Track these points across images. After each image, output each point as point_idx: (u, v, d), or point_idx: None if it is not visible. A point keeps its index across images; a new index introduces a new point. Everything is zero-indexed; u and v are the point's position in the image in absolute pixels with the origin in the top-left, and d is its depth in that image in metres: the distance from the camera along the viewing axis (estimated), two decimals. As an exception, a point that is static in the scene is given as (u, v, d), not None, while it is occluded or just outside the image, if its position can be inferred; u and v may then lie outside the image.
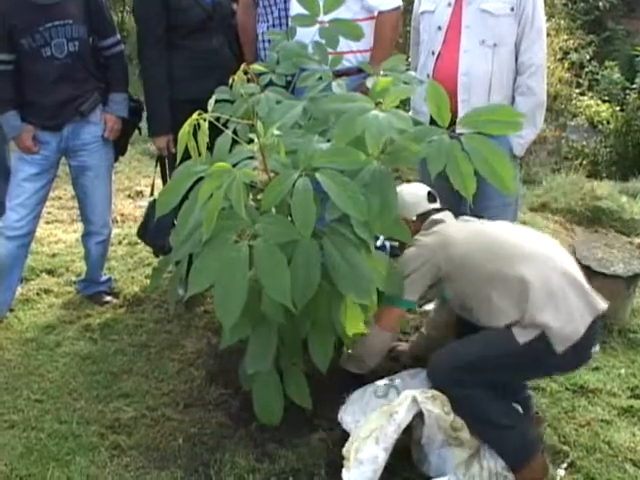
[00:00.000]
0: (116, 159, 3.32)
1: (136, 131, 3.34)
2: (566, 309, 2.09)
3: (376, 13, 2.92)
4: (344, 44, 2.69)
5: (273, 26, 3.11)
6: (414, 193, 2.52)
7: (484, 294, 2.19)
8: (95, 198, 3.20)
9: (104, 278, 3.43)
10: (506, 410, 2.20)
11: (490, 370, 2.15)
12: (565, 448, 2.42)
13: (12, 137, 3.03)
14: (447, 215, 2.46)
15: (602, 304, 2.17)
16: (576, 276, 2.19)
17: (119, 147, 3.28)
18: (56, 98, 2.96)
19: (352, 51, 2.87)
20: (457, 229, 2.39)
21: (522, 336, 2.09)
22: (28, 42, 2.84)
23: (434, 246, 2.32)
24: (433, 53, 2.84)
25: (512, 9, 2.73)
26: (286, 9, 3.08)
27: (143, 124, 3.35)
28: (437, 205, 2.51)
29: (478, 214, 2.87)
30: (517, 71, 2.80)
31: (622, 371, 2.92)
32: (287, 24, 3.05)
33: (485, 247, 2.28)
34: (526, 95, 2.79)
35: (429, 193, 2.51)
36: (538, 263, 2.18)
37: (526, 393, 2.51)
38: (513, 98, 2.83)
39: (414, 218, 2.45)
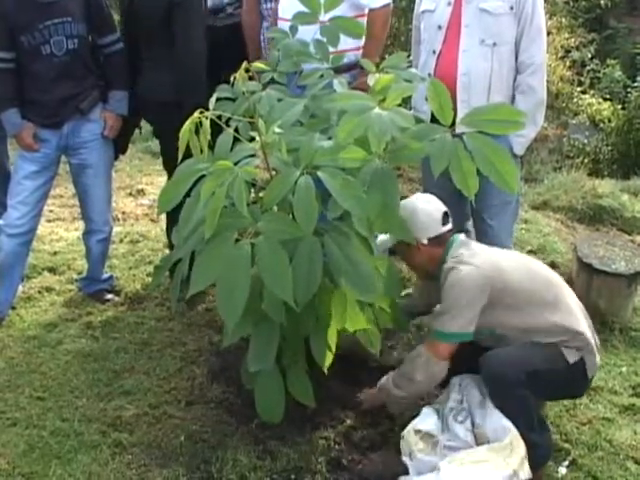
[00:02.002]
0: (116, 157, 3.32)
1: (137, 130, 3.34)
2: (595, 342, 2.31)
3: (366, 11, 2.91)
4: None
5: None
6: (430, 214, 2.32)
7: (533, 322, 2.22)
8: (95, 196, 3.20)
9: (105, 276, 3.42)
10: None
11: (543, 382, 2.17)
12: (566, 446, 2.43)
13: (12, 135, 3.03)
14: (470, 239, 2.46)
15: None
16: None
17: (119, 145, 3.27)
18: (56, 96, 2.96)
19: (344, 49, 2.83)
20: (499, 253, 2.37)
21: (570, 356, 2.24)
22: (27, 40, 2.84)
23: (489, 270, 2.21)
24: (434, 52, 2.83)
25: (511, 8, 2.72)
26: None
27: (143, 122, 3.35)
28: (450, 226, 2.36)
29: (479, 213, 2.88)
30: (517, 70, 2.80)
31: (623, 369, 2.92)
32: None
33: (534, 275, 2.32)
34: (526, 94, 2.78)
35: (445, 214, 2.35)
36: (571, 295, 2.36)
37: None
38: (513, 97, 2.82)
39: (425, 241, 2.30)
